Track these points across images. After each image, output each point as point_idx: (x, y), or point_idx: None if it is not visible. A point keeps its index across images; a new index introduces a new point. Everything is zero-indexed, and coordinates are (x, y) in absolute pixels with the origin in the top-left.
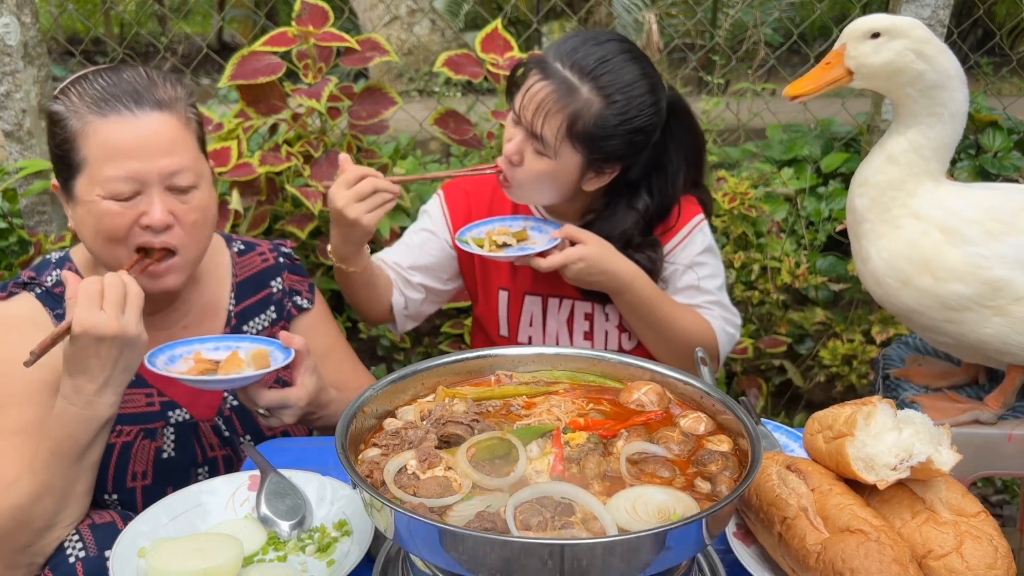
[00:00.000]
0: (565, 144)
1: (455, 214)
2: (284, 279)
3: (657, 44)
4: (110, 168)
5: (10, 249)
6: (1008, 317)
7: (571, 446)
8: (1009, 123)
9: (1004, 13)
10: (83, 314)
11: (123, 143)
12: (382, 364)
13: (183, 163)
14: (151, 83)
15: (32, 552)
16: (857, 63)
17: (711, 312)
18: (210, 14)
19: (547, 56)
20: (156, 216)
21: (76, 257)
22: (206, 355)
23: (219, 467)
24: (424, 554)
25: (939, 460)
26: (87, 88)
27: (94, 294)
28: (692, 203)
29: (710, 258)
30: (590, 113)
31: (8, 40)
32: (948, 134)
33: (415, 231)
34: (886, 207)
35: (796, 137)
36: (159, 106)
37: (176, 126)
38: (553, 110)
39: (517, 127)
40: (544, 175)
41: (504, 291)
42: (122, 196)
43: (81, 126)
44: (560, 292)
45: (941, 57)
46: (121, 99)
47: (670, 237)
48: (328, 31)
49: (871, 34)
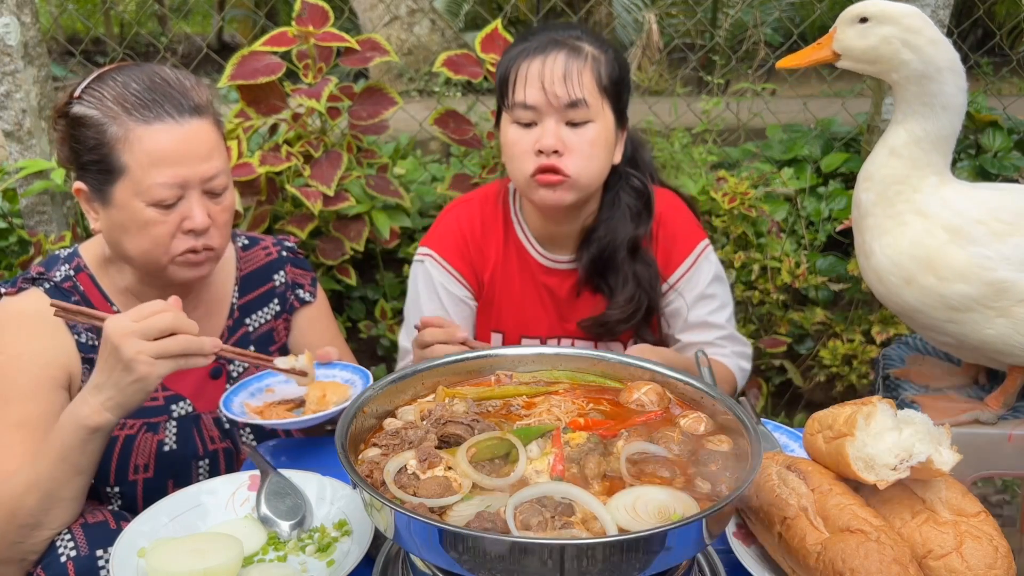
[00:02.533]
0: (600, 100)
1: (458, 263)
2: (287, 272)
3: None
4: (155, 175)
5: (10, 249)
6: (1011, 318)
7: (571, 446)
8: (1009, 123)
9: (1004, 13)
10: (115, 320)
11: (169, 150)
12: (382, 364)
13: (220, 167)
14: (184, 87)
15: (22, 549)
16: (842, 46)
17: (723, 350)
18: (210, 14)
19: (532, 41)
20: (199, 220)
21: (85, 254)
22: (252, 403)
23: (220, 460)
24: (424, 554)
25: (939, 460)
26: (122, 92)
27: (141, 312)
28: (694, 227)
29: (719, 288)
30: (603, 63)
31: (8, 40)
32: (944, 126)
33: (428, 306)
34: (891, 202)
35: (796, 137)
36: (198, 112)
37: (212, 130)
38: (578, 70)
39: (529, 128)
40: (596, 143)
41: (498, 333)
42: (166, 203)
43: (123, 132)
44: (559, 332)
45: (931, 48)
46: (163, 105)
47: (675, 267)
48: (328, 31)
49: (860, 18)
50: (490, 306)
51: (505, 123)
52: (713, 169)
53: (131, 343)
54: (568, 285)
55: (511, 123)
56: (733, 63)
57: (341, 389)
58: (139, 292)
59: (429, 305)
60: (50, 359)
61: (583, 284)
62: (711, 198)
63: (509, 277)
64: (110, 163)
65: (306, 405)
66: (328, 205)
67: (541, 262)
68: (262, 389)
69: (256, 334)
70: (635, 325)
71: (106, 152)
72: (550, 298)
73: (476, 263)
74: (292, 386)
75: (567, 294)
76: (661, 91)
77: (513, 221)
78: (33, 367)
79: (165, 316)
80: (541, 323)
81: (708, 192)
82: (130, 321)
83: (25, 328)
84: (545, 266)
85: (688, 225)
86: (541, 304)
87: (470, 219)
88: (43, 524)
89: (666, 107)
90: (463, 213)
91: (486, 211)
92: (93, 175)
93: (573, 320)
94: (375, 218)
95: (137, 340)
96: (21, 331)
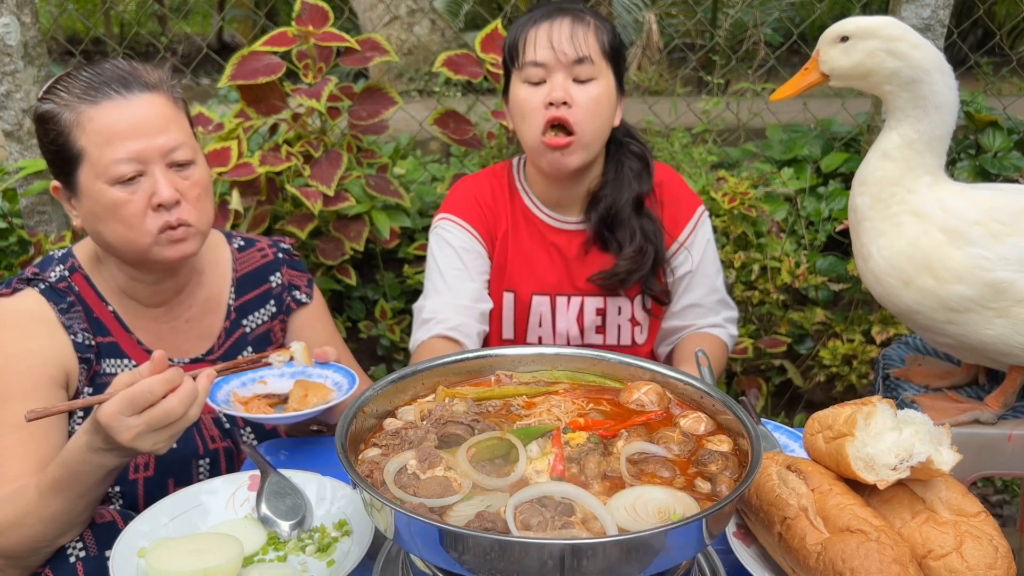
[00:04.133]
0: (604, 61)
1: (473, 220)
2: (283, 274)
3: (657, 44)
4: (110, 151)
5: (10, 249)
6: (1010, 319)
7: (571, 446)
8: (1009, 123)
9: (1004, 13)
10: (109, 410)
11: (119, 125)
12: (382, 364)
13: (179, 139)
14: (134, 69)
15: (28, 561)
16: (829, 67)
17: (716, 317)
18: (210, 14)
19: (538, 11)
20: (164, 193)
21: (79, 253)
22: (244, 392)
23: (220, 459)
24: (424, 554)
25: (939, 460)
26: (72, 83)
27: (136, 403)
28: (692, 193)
29: (714, 250)
30: (604, 29)
31: (8, 40)
32: (938, 126)
33: (449, 269)
34: (886, 204)
35: (796, 137)
36: (147, 87)
37: (167, 104)
38: (583, 31)
39: (539, 86)
40: (601, 99)
41: (510, 293)
42: (126, 177)
43: (74, 117)
44: (569, 290)
45: (915, 52)
46: (110, 84)
47: (683, 226)
48: (328, 31)
49: (840, 38)
50: (502, 267)
51: (515, 85)
52: (713, 169)
53: (142, 441)
54: (577, 244)
55: (521, 83)
56: (733, 63)
57: (324, 391)
58: (132, 291)
59: (448, 263)
60: (47, 358)
61: (591, 242)
62: (711, 198)
63: (519, 238)
64: (69, 150)
65: (288, 403)
66: (328, 205)
67: (548, 223)
68: (255, 380)
69: (254, 335)
70: (643, 276)
71: (63, 141)
72: (559, 256)
73: (489, 222)
74: (284, 380)
75: (576, 252)
76: (661, 91)
77: (519, 189)
78: (30, 367)
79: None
80: (551, 281)
81: (708, 192)
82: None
83: (21, 328)
84: (552, 226)
85: (687, 190)
86: (551, 262)
87: (479, 187)
88: (54, 544)
89: (666, 107)
90: (472, 183)
91: (493, 182)
92: (59, 167)
93: (582, 278)
94: (375, 218)
95: (146, 436)
96: (17, 331)
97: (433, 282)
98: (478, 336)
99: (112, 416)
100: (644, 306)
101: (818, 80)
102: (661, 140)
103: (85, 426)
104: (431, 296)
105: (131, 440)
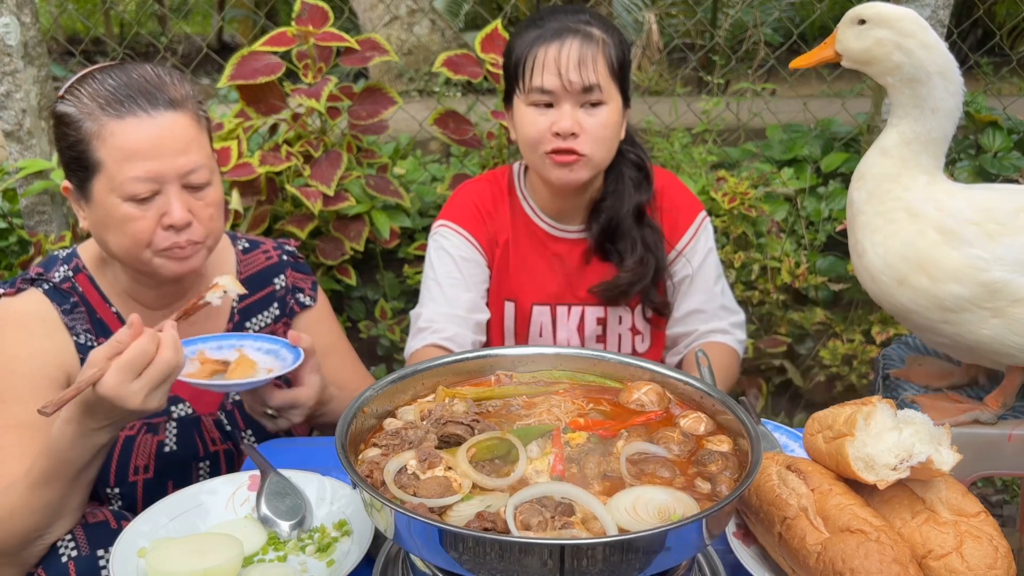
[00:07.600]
0: (612, 84)
1: (473, 228)
2: (287, 276)
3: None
4: (128, 169)
5: (10, 249)
6: (1006, 319)
7: (571, 446)
8: (1009, 123)
9: (1004, 13)
10: (112, 381)
11: (141, 144)
12: (382, 364)
13: (199, 161)
14: (161, 82)
15: (22, 556)
16: (842, 46)
17: (721, 323)
18: (210, 14)
19: (544, 27)
20: (177, 215)
21: (83, 254)
22: (210, 354)
23: (220, 461)
24: (424, 554)
25: (939, 460)
26: (98, 88)
27: (135, 365)
28: (693, 198)
29: (715, 257)
30: (612, 47)
31: (8, 40)
32: (934, 129)
33: (446, 277)
34: (881, 199)
35: (796, 137)
36: (172, 105)
37: (190, 124)
38: (592, 55)
39: (546, 110)
40: (608, 125)
41: (511, 302)
42: (140, 196)
43: (96, 128)
44: (569, 300)
45: (922, 51)
46: (135, 100)
47: (681, 234)
48: (328, 31)
49: (859, 20)
50: (502, 275)
51: (519, 105)
52: (713, 169)
53: (149, 401)
54: (577, 253)
55: (526, 105)
56: (733, 63)
57: (251, 369)
58: (135, 293)
59: (445, 272)
60: (48, 359)
61: (593, 252)
62: (711, 198)
63: (519, 247)
64: (87, 159)
65: (227, 372)
66: (328, 205)
67: (549, 232)
68: (233, 347)
69: None
70: (644, 288)
71: (83, 148)
72: (560, 265)
73: (490, 231)
74: (259, 355)
75: (577, 262)
76: (661, 91)
77: (519, 197)
78: (31, 368)
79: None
80: (551, 290)
81: (708, 192)
82: (137, 384)
83: (23, 328)
84: (553, 235)
85: (687, 196)
86: (551, 272)
87: (480, 193)
88: (47, 535)
89: (666, 107)
90: (473, 188)
91: (494, 188)
92: (75, 172)
93: (583, 287)
94: (375, 218)
95: (152, 395)
96: (19, 332)
97: (430, 290)
98: (473, 346)
99: (116, 387)
100: (645, 315)
101: (832, 57)
102: (661, 140)
103: (72, 414)
104: (427, 304)
105: (141, 403)
